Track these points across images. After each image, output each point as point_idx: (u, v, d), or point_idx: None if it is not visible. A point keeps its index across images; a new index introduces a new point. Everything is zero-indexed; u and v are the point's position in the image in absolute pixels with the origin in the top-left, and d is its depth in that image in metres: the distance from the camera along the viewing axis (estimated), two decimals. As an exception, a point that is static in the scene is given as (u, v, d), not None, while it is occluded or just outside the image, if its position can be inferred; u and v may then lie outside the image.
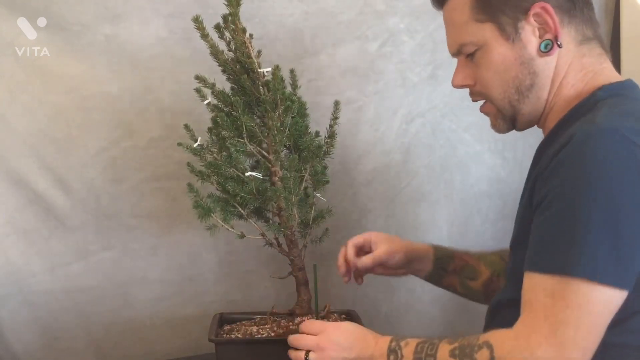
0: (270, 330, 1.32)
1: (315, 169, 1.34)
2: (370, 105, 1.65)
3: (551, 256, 0.87)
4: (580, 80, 1.01)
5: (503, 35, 1.00)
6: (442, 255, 1.34)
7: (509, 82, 1.02)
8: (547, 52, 1.00)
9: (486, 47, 1.02)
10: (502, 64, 1.01)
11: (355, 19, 1.60)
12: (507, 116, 1.06)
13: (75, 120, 1.50)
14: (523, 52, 1.00)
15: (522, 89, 1.02)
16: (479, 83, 1.06)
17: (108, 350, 1.60)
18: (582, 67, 1.01)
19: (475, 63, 1.05)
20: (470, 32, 1.03)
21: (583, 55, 1.01)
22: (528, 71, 1.01)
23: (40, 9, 1.43)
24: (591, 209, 0.84)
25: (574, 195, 0.85)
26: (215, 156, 1.31)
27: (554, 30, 0.99)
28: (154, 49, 1.50)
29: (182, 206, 1.48)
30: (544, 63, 1.01)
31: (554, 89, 1.02)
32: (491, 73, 1.03)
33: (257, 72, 1.28)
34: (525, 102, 1.03)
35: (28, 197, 1.50)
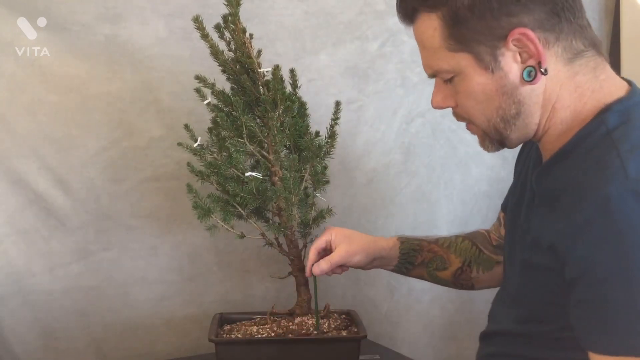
0: (270, 330, 1.32)
1: (315, 169, 1.34)
2: (370, 105, 1.65)
3: (621, 338, 0.80)
4: (577, 101, 0.92)
5: (481, 65, 0.90)
6: (408, 249, 1.28)
7: (492, 112, 0.93)
8: (531, 80, 0.89)
9: (463, 75, 0.92)
10: (482, 93, 0.92)
11: (355, 19, 1.60)
12: (494, 139, 0.97)
13: (75, 120, 1.50)
14: (505, 82, 0.90)
15: (508, 118, 0.93)
16: (460, 107, 0.97)
17: (108, 350, 1.60)
18: (576, 86, 0.91)
19: (454, 87, 0.95)
20: (443, 60, 0.93)
21: (576, 73, 0.91)
22: (512, 100, 0.91)
23: (40, 9, 1.43)
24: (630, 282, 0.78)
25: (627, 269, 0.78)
26: (215, 156, 1.31)
27: (537, 55, 0.88)
28: (154, 49, 1.50)
29: (182, 206, 1.48)
30: (530, 90, 0.91)
31: (546, 113, 0.93)
32: (472, 102, 0.94)
33: (257, 72, 1.28)
34: (512, 129, 0.94)
35: (28, 197, 1.50)
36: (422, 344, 1.76)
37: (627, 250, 0.78)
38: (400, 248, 1.29)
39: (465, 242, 1.29)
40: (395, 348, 1.59)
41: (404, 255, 1.28)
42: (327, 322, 1.35)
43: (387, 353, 1.50)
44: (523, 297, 1.00)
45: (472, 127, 0.99)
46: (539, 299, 0.95)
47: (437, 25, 0.91)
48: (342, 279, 1.69)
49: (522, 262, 0.98)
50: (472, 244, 1.28)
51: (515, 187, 1.11)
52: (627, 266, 0.78)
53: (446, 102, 0.98)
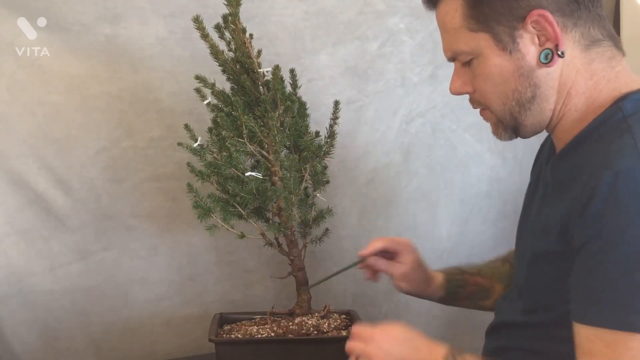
0: (270, 330, 1.32)
1: (315, 169, 1.34)
2: (370, 105, 1.65)
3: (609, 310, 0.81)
4: (592, 88, 0.92)
5: (499, 46, 0.91)
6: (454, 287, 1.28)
7: (508, 95, 0.94)
8: (547, 63, 0.90)
9: (482, 57, 0.93)
10: (499, 75, 0.93)
11: (355, 19, 1.60)
12: (508, 126, 0.98)
13: (75, 120, 1.50)
14: (522, 63, 0.91)
15: (523, 101, 0.94)
16: (478, 92, 0.98)
17: (108, 351, 1.60)
18: (592, 73, 0.92)
19: (473, 71, 0.96)
20: (463, 41, 0.94)
21: (592, 60, 0.92)
22: (528, 83, 0.92)
23: (40, 9, 1.43)
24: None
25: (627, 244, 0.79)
26: (215, 156, 1.31)
27: (554, 38, 0.89)
28: (154, 49, 1.50)
29: (182, 206, 1.48)
30: (546, 74, 0.91)
31: (561, 99, 0.93)
32: (489, 84, 0.95)
33: (257, 72, 1.28)
34: (527, 114, 0.95)
35: (28, 197, 1.50)
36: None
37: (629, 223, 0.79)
38: (446, 287, 1.28)
39: (505, 266, 1.27)
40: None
41: (449, 294, 1.28)
42: (327, 322, 1.35)
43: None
44: (530, 288, 1.00)
45: (487, 113, 1.00)
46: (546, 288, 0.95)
47: (458, 5, 0.93)
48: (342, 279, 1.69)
49: (531, 254, 0.98)
50: (510, 266, 1.25)
51: (530, 186, 1.10)
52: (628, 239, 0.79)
53: (464, 87, 0.98)
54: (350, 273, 1.69)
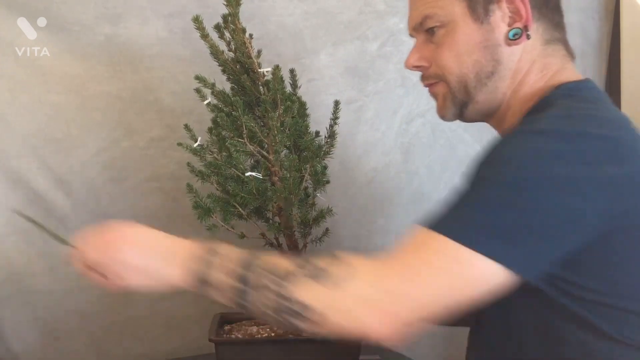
0: (270, 330, 1.32)
1: (315, 169, 1.34)
2: (370, 105, 1.65)
3: (441, 218, 0.83)
4: (540, 80, 0.96)
5: (472, 15, 0.94)
6: None
7: (468, 66, 0.95)
8: (514, 40, 0.93)
9: (452, 24, 0.95)
10: (465, 44, 0.95)
11: (355, 19, 1.60)
12: (457, 100, 0.99)
13: (75, 120, 1.50)
14: (489, 36, 0.94)
15: (482, 75, 0.96)
16: (436, 64, 0.98)
17: (108, 350, 1.60)
18: (544, 66, 0.96)
19: (435, 43, 0.98)
20: (437, 5, 0.96)
21: (548, 55, 0.96)
22: (492, 57, 0.95)
23: (40, 9, 1.43)
24: (492, 185, 0.81)
25: (482, 174, 0.83)
26: (215, 156, 1.31)
27: (525, 19, 0.93)
28: (154, 49, 1.50)
29: (182, 206, 1.48)
30: (509, 53, 0.94)
31: (513, 84, 0.96)
32: (452, 53, 0.96)
33: (257, 72, 1.28)
34: (482, 90, 0.97)
35: (28, 197, 1.50)
36: (422, 344, 1.76)
37: (509, 169, 0.80)
38: None
39: None
40: (395, 348, 1.59)
41: None
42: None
43: (387, 353, 1.50)
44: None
45: (439, 86, 1.00)
46: None
47: None
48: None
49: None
50: None
51: None
52: (498, 172, 0.81)
53: (421, 61, 1.00)
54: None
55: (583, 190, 0.79)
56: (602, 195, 0.79)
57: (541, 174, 0.79)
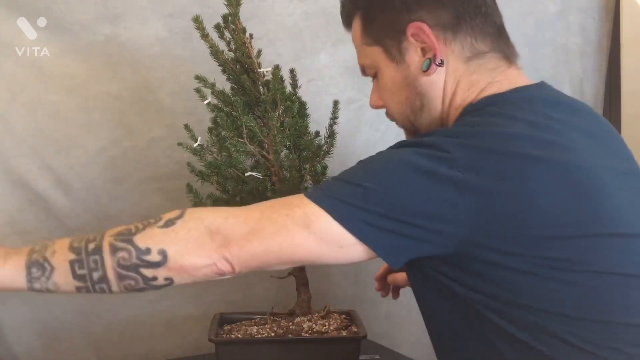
0: (270, 330, 1.32)
1: (315, 169, 1.34)
2: (370, 105, 1.65)
3: (324, 188, 0.89)
4: (467, 97, 0.97)
5: (389, 57, 1.00)
6: None
7: (402, 103, 1.02)
8: (427, 71, 0.97)
9: (380, 70, 1.02)
10: (393, 85, 1.01)
11: (355, 19, 1.60)
12: (410, 131, 1.05)
13: (75, 120, 1.50)
14: (408, 73, 0.99)
15: (415, 109, 1.01)
16: (385, 105, 1.06)
17: (108, 350, 1.60)
18: (470, 84, 0.97)
19: (377, 84, 1.05)
20: (363, 55, 1.04)
21: (472, 72, 0.97)
22: (415, 92, 0.99)
23: (40, 9, 1.43)
24: (356, 170, 0.90)
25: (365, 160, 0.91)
26: (215, 156, 1.31)
27: (433, 48, 0.96)
28: (154, 49, 1.50)
29: (182, 206, 1.47)
30: (429, 82, 0.98)
31: (445, 106, 0.99)
32: (388, 95, 1.03)
33: (257, 72, 1.27)
34: (420, 122, 1.02)
35: (28, 197, 1.50)
36: (422, 344, 1.76)
37: (388, 162, 0.87)
38: None
39: None
40: (395, 348, 1.59)
41: None
42: (327, 322, 1.35)
43: (387, 353, 1.50)
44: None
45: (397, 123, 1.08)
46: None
47: (358, 25, 1.04)
48: (342, 279, 1.69)
49: None
50: None
51: None
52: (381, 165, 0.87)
53: (378, 101, 1.07)
54: (350, 273, 1.70)
55: (446, 190, 0.82)
56: (465, 200, 0.82)
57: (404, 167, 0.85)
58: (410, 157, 0.85)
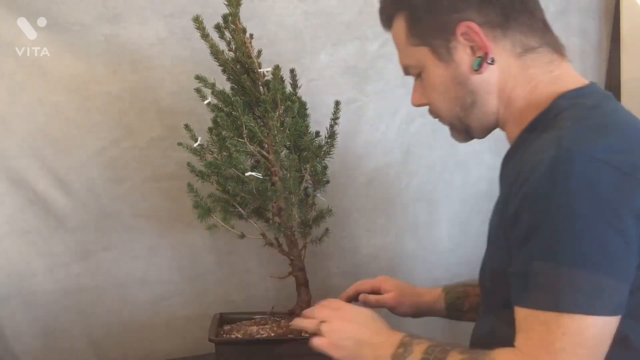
0: (270, 330, 1.32)
1: (315, 169, 1.34)
2: (370, 105, 1.65)
3: (542, 293, 0.85)
4: (530, 92, 0.98)
5: (437, 57, 1.00)
6: (454, 298, 1.33)
7: (452, 101, 1.02)
8: (478, 70, 0.98)
9: (426, 70, 1.02)
10: (441, 85, 1.01)
11: (355, 19, 1.60)
12: (460, 130, 1.07)
13: (75, 120, 1.50)
14: (457, 72, 0.99)
15: (466, 107, 1.02)
16: (430, 103, 1.07)
17: (108, 350, 1.60)
18: (530, 78, 0.98)
19: (422, 82, 1.05)
20: (409, 56, 1.04)
21: (528, 66, 0.98)
22: (466, 90, 1.00)
23: (40, 9, 1.43)
24: (573, 243, 0.82)
25: (553, 228, 0.83)
26: (215, 156, 1.31)
27: (483, 47, 0.97)
28: (154, 49, 1.50)
29: (182, 206, 1.48)
30: (480, 80, 0.99)
31: (502, 104, 1.00)
32: (435, 94, 1.04)
33: (257, 72, 1.27)
34: (472, 118, 1.03)
35: (28, 197, 1.50)
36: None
37: (566, 211, 0.82)
38: (445, 299, 1.33)
39: None
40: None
41: (450, 305, 1.33)
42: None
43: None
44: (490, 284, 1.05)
45: (443, 120, 1.09)
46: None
47: (402, 25, 1.03)
48: (342, 279, 1.69)
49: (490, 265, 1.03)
50: None
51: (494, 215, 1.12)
52: (568, 226, 0.82)
53: (421, 99, 1.08)
54: (350, 273, 1.70)
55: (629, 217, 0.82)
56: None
57: (609, 209, 0.82)
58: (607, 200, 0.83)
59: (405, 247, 1.73)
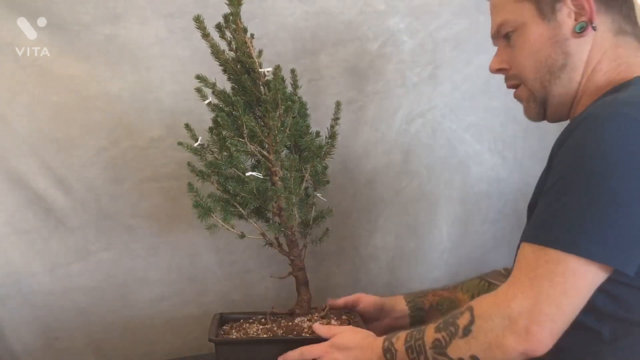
0: (270, 330, 1.32)
1: (315, 169, 1.34)
2: (370, 105, 1.65)
3: (551, 230, 0.89)
4: (613, 70, 1.02)
5: (540, 15, 1.03)
6: (413, 296, 1.39)
7: (542, 62, 1.04)
8: (581, 33, 1.01)
9: (523, 27, 1.04)
10: (536, 42, 1.04)
11: (355, 19, 1.60)
12: (538, 98, 1.08)
13: (75, 120, 1.50)
14: (558, 32, 1.02)
15: (555, 69, 1.04)
16: (514, 66, 1.08)
17: (108, 351, 1.60)
18: (616, 56, 1.02)
19: (512, 46, 1.07)
20: (509, 11, 1.06)
21: (619, 45, 1.03)
22: (561, 50, 1.03)
23: (40, 9, 1.43)
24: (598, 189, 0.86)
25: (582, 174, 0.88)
26: (215, 156, 1.31)
27: (589, 13, 1.00)
28: (154, 49, 1.50)
29: (182, 206, 1.48)
30: (577, 45, 1.02)
31: (586, 73, 1.03)
32: (525, 53, 1.05)
33: (257, 72, 1.27)
34: (557, 83, 1.05)
35: (28, 197, 1.50)
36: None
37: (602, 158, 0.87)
38: (405, 298, 1.39)
39: (473, 280, 1.36)
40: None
41: (411, 302, 1.38)
42: (327, 322, 1.35)
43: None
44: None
45: (520, 90, 1.10)
46: None
47: None
48: (342, 279, 1.69)
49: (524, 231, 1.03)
50: (480, 279, 1.34)
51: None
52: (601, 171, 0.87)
53: (502, 64, 1.10)
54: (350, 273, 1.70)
55: None
56: None
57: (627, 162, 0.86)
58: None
59: (405, 247, 1.73)
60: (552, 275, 0.87)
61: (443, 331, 0.97)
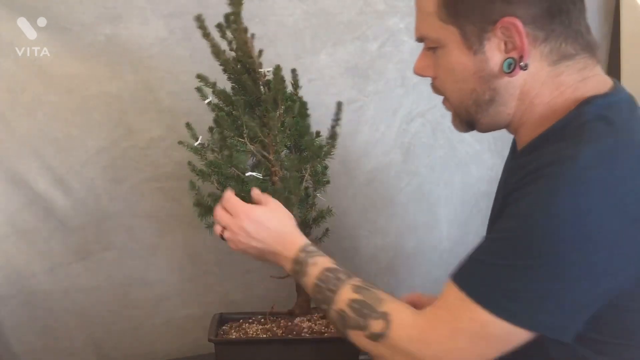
0: (270, 330, 1.32)
1: (315, 169, 1.34)
2: (370, 105, 1.65)
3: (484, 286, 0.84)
4: (557, 97, 0.90)
5: (465, 44, 0.90)
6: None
7: (466, 92, 0.93)
8: (509, 72, 0.89)
9: (447, 48, 0.92)
10: (460, 72, 0.92)
11: (355, 19, 1.60)
12: (464, 120, 0.98)
13: (75, 120, 1.50)
14: (484, 67, 0.90)
15: (481, 102, 0.93)
16: (438, 80, 0.97)
17: (108, 350, 1.60)
18: (559, 85, 0.90)
19: (436, 59, 0.95)
20: (432, 28, 0.93)
21: (560, 73, 0.90)
22: (487, 87, 0.91)
23: (40, 9, 1.43)
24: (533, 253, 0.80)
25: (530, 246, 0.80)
26: (216, 155, 1.31)
27: (520, 49, 0.87)
28: (154, 49, 1.50)
29: (182, 206, 1.48)
30: (507, 82, 0.90)
31: (522, 107, 0.92)
32: (449, 78, 0.94)
33: (258, 72, 1.27)
34: (483, 114, 0.94)
35: (28, 197, 1.50)
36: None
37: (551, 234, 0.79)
38: None
39: None
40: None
41: None
42: (327, 322, 1.35)
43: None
44: None
45: (447, 103, 1.00)
46: None
47: None
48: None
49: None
50: None
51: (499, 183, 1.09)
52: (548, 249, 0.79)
53: (427, 70, 0.98)
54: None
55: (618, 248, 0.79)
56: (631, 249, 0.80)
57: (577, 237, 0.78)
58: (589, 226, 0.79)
59: (405, 247, 1.73)
60: (475, 337, 0.84)
61: (355, 312, 0.94)
